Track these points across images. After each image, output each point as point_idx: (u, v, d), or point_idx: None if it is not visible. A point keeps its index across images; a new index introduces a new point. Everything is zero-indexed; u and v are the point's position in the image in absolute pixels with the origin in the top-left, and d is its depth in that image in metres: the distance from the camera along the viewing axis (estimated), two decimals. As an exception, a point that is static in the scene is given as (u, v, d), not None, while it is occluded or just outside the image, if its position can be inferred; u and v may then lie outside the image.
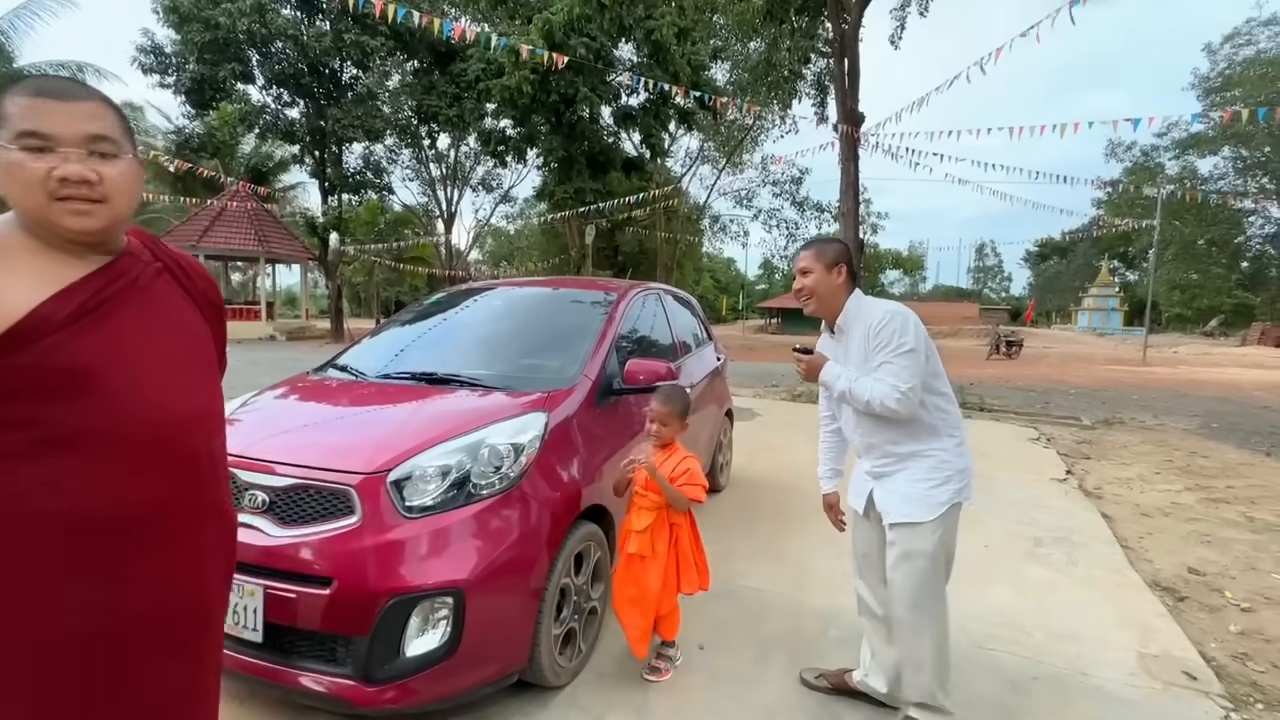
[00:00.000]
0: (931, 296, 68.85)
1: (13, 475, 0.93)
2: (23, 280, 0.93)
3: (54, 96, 0.95)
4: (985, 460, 5.98)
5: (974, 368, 17.57)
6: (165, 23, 19.90)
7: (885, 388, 1.86)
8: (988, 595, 3.09)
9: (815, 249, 2.06)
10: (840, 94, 12.16)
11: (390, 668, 1.78)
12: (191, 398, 1.11)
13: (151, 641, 1.04)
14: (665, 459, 2.25)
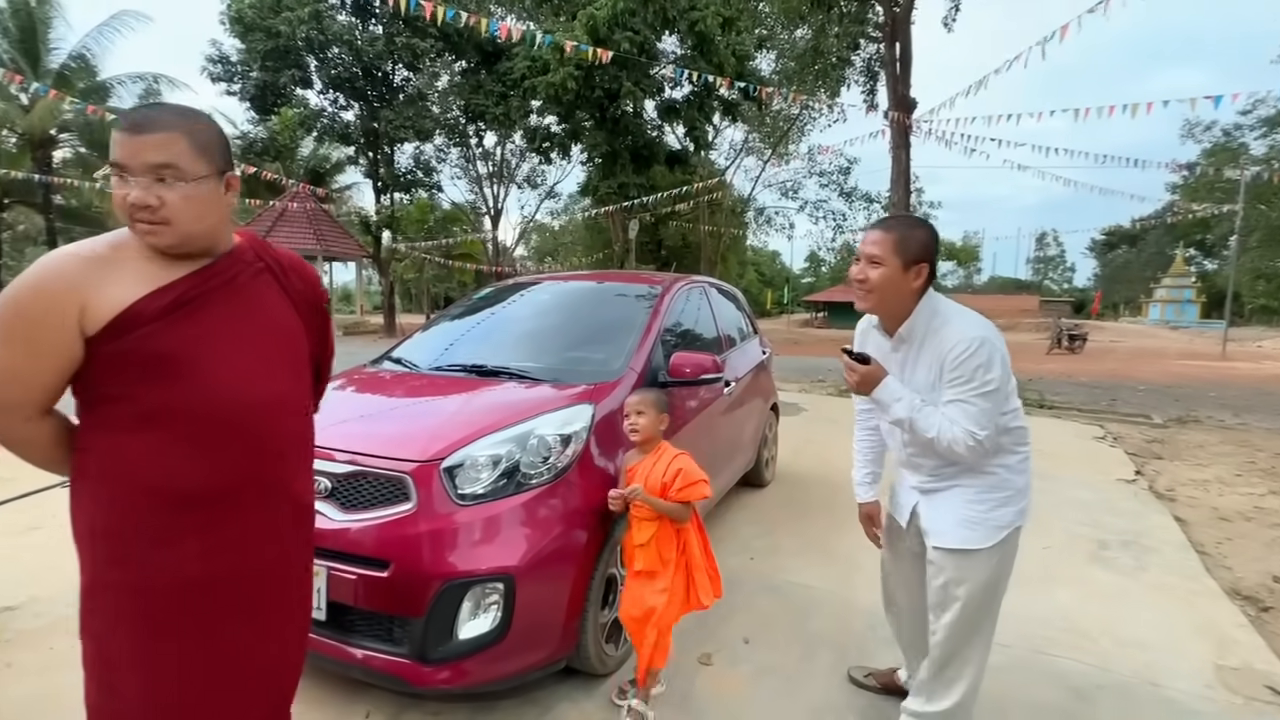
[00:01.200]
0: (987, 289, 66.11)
1: (121, 446, 1.10)
2: (127, 281, 1.08)
3: (129, 130, 1.07)
4: (1046, 459, 5.72)
5: (1033, 362, 16.80)
6: (231, 33, 20.91)
7: (959, 431, 1.57)
8: (1049, 598, 2.97)
9: (896, 236, 1.64)
10: (891, 80, 11.78)
11: (444, 649, 1.84)
12: (267, 386, 1.21)
13: (228, 606, 1.16)
14: (654, 464, 2.03)
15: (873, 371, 1.68)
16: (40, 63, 19.86)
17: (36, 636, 2.47)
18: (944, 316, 1.66)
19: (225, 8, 20.74)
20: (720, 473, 3.53)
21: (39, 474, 1.23)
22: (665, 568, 2.00)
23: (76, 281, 1.05)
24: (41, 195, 20.75)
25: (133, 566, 1.10)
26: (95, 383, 1.09)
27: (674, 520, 2.00)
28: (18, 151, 20.28)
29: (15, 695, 2.10)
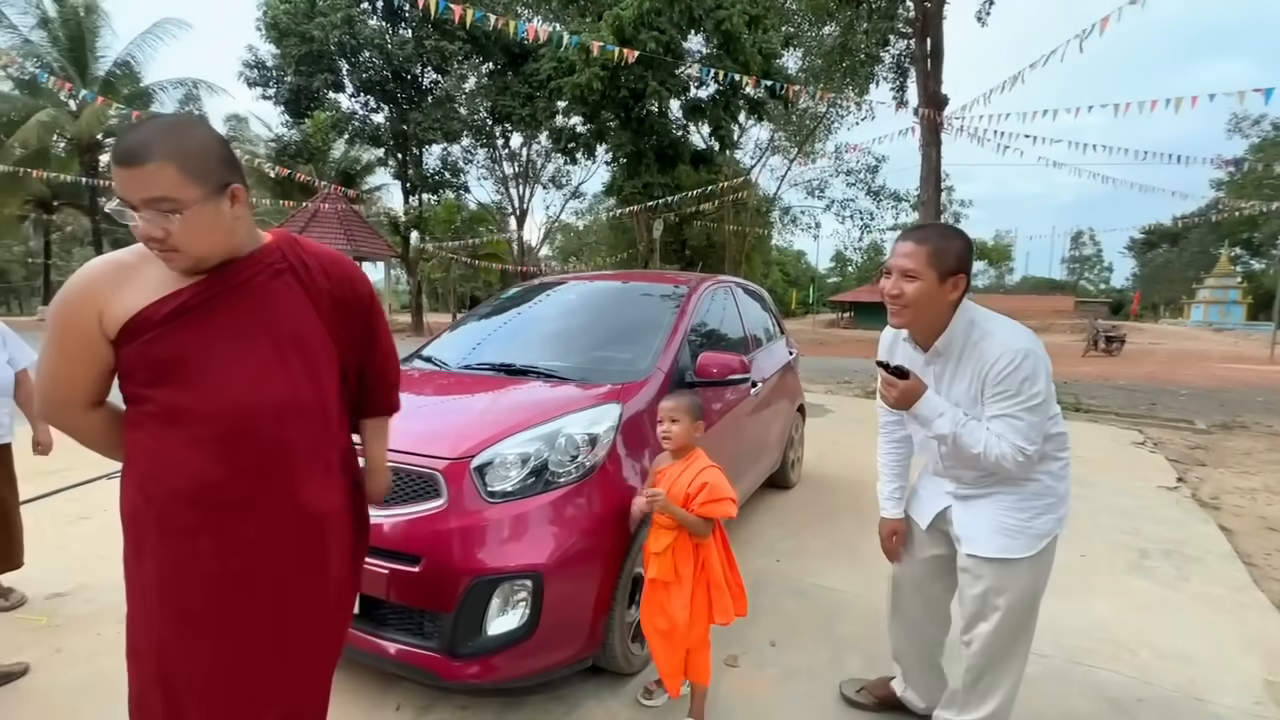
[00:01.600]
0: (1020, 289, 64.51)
1: (144, 441, 1.17)
2: (140, 289, 1.13)
3: (119, 163, 1.03)
4: (1082, 465, 5.55)
5: (1069, 364, 16.34)
6: (267, 38, 21.48)
7: (1006, 447, 1.52)
8: (1086, 608, 2.89)
9: (931, 247, 1.55)
10: (921, 76, 11.58)
11: (473, 644, 1.86)
12: (273, 388, 1.18)
13: (241, 605, 1.19)
14: (682, 471, 1.97)
15: (913, 386, 1.61)
16: (88, 71, 20.67)
17: (85, 622, 2.57)
18: (983, 328, 1.58)
19: (261, 14, 21.31)
20: (746, 474, 3.51)
21: (92, 466, 1.30)
22: (680, 582, 1.91)
23: (95, 289, 1.11)
24: (88, 198, 21.56)
25: (146, 557, 1.17)
26: (124, 382, 1.17)
27: (692, 534, 1.90)
28: (67, 156, 21.11)
29: (65, 680, 2.19)
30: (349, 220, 23.70)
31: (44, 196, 23.60)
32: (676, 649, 1.92)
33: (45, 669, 2.25)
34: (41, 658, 2.32)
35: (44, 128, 18.90)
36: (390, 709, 2.08)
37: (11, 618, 2.60)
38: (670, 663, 1.94)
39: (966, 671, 1.78)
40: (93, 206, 22.10)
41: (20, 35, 19.61)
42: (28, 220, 25.90)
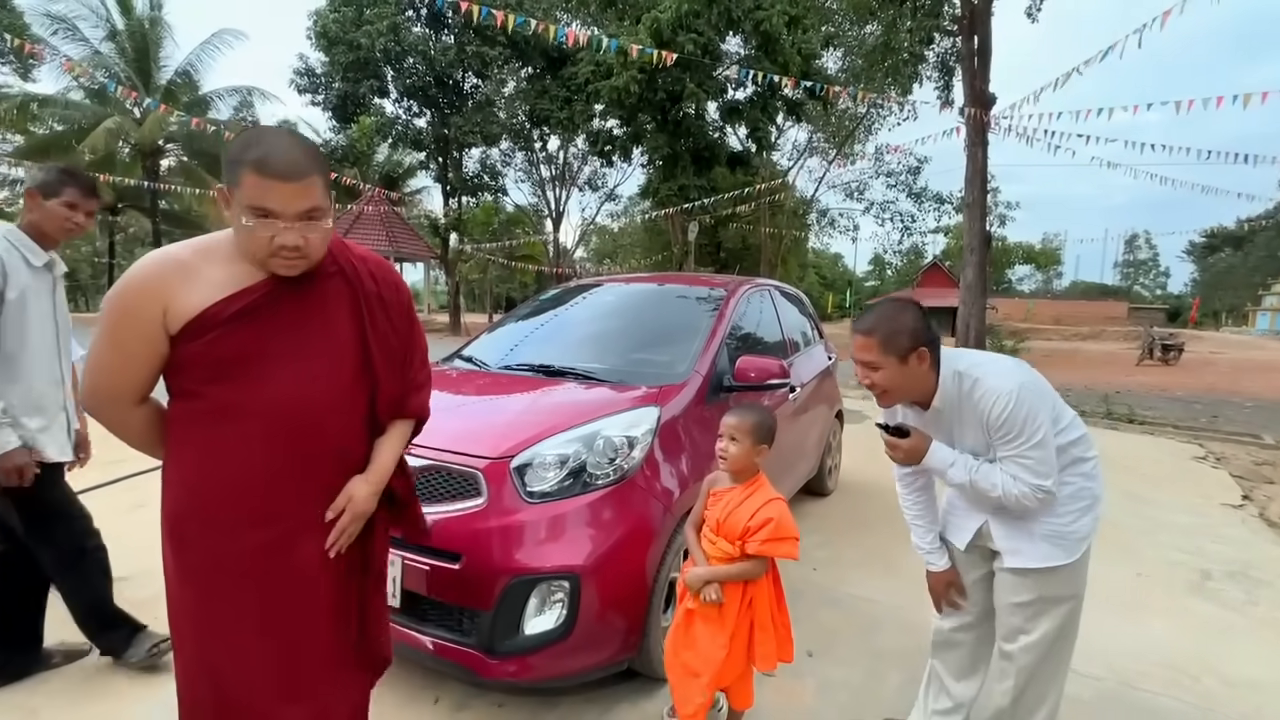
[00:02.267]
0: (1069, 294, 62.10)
1: (195, 438, 1.19)
2: (205, 287, 1.16)
3: (279, 178, 1.09)
4: (1137, 479, 5.33)
5: (1122, 374, 15.68)
6: (316, 46, 22.21)
7: (1024, 487, 1.53)
8: (1142, 629, 2.76)
9: (879, 336, 1.54)
10: (968, 75, 11.26)
11: (511, 643, 1.88)
12: (325, 387, 1.24)
13: (292, 587, 1.24)
14: (744, 499, 1.78)
15: (916, 444, 1.64)
16: (151, 79, 21.72)
17: (144, 606, 2.67)
18: (971, 377, 1.57)
19: (311, 23, 22.05)
20: (782, 481, 3.46)
21: (143, 457, 1.35)
22: (723, 618, 1.73)
23: (160, 286, 1.13)
24: (149, 200, 22.65)
25: (190, 551, 1.20)
26: (176, 378, 1.19)
27: (738, 573, 1.74)
28: (130, 161, 22.22)
29: (119, 666, 2.29)
30: (391, 222, 24.37)
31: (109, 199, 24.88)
32: (706, 689, 1.72)
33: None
34: (103, 638, 2.43)
35: (110, 134, 19.94)
36: (428, 702, 2.11)
37: (77, 599, 2.74)
38: (693, 703, 1.72)
39: (1013, 687, 1.72)
40: (153, 209, 23.20)
41: (91, 47, 20.76)
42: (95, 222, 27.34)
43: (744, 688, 1.86)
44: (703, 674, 1.72)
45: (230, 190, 1.14)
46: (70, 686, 2.15)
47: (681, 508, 2.22)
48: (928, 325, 1.57)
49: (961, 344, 11.55)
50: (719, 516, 1.78)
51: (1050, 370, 14.74)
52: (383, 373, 1.32)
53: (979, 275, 11.43)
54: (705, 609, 1.74)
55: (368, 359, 1.30)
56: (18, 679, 2.15)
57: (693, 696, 1.73)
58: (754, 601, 1.76)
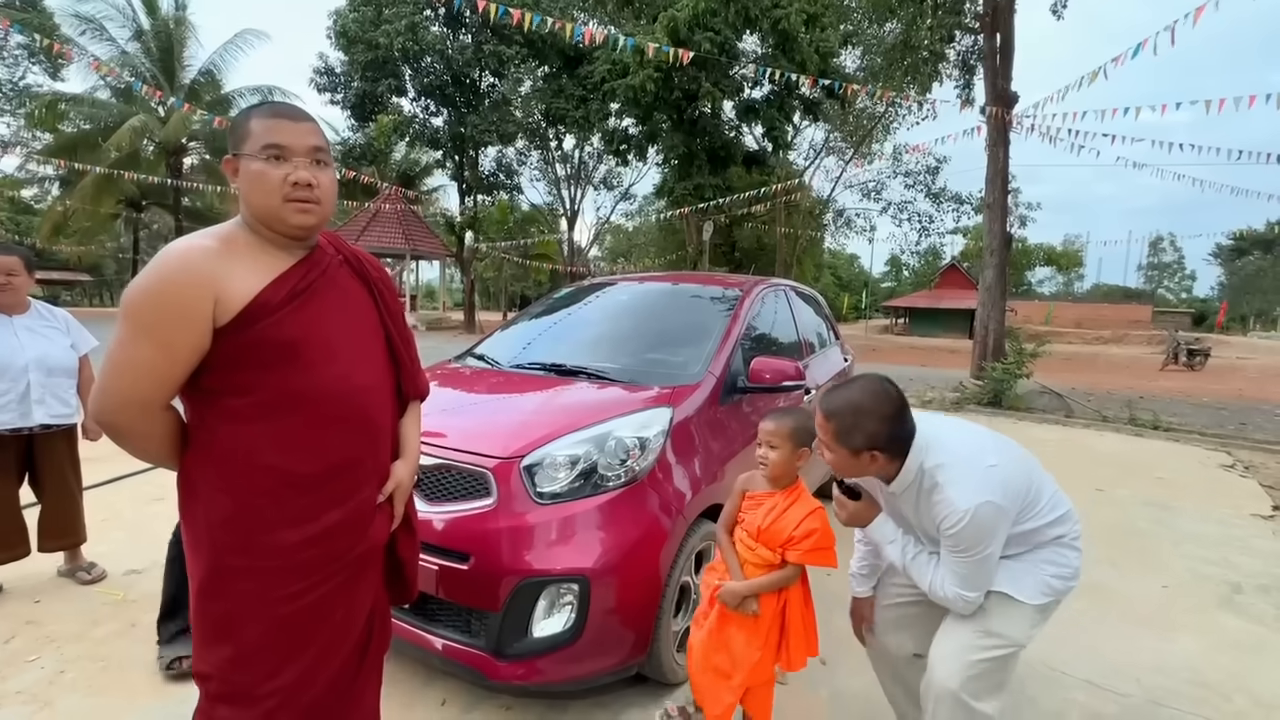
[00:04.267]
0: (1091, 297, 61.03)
1: (243, 435, 1.13)
2: (246, 271, 1.12)
3: (287, 117, 1.17)
4: (1162, 487, 5.20)
5: (1146, 379, 15.35)
6: (336, 46, 22.44)
7: (950, 592, 1.51)
8: (1169, 644, 2.66)
9: (835, 425, 1.50)
10: (990, 73, 11.08)
11: (519, 645, 1.85)
12: (370, 370, 1.28)
13: (342, 573, 1.23)
14: (787, 508, 1.74)
15: (863, 510, 1.65)
16: (175, 79, 22.10)
17: (158, 600, 2.70)
18: (933, 479, 1.49)
19: (331, 22, 22.28)
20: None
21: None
22: (759, 621, 1.72)
23: (208, 274, 1.07)
24: (172, 197, 23.05)
25: (259, 552, 1.14)
26: (218, 374, 1.10)
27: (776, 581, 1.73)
28: (154, 158, 22.62)
29: (137, 655, 2.31)
30: (408, 220, 24.57)
31: (134, 196, 25.35)
32: (735, 690, 1.72)
33: (122, 643, 2.38)
34: (118, 631, 2.46)
35: (135, 132, 20.30)
36: (435, 703, 2.10)
37: (92, 591, 2.77)
38: (722, 704, 1.71)
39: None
40: (177, 206, 23.60)
41: (118, 47, 21.15)
42: (120, 218, 27.87)
43: (765, 696, 1.83)
44: (734, 675, 1.72)
45: (237, 156, 1.16)
46: (86, 679, 2.16)
47: (694, 511, 2.18)
48: (894, 425, 1.48)
49: (980, 347, 11.37)
50: (760, 523, 1.75)
51: (1071, 375, 14.48)
52: (401, 353, 1.37)
53: (999, 277, 11.24)
54: (742, 617, 1.74)
55: (389, 340, 1.35)
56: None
57: (723, 696, 1.73)
58: (788, 605, 1.76)
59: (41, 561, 2.82)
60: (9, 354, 2.56)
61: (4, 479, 2.65)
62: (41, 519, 2.80)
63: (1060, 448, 6.71)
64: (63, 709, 2.01)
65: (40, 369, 2.63)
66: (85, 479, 2.97)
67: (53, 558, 2.87)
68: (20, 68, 25.62)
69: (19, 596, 2.69)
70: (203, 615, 1.16)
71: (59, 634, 2.42)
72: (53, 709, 2.00)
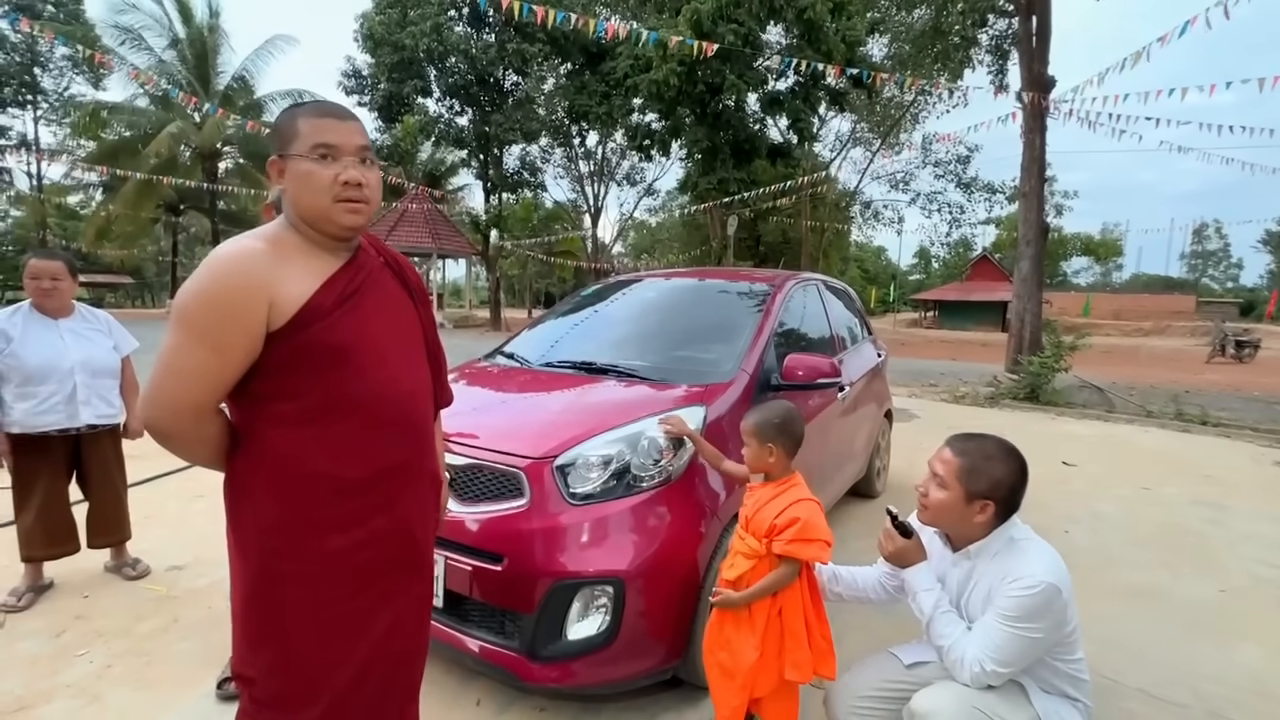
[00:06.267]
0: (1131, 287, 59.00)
1: (292, 440, 1.11)
2: (298, 275, 1.11)
3: (335, 116, 1.16)
4: (1214, 486, 4.98)
5: (1190, 372, 14.78)
6: (363, 48, 22.81)
7: (973, 651, 1.46)
8: (1229, 652, 2.54)
9: (964, 463, 1.51)
10: (1025, 58, 10.74)
11: (553, 648, 1.84)
12: (415, 373, 1.29)
13: (388, 578, 1.22)
14: (772, 497, 1.73)
15: (911, 550, 1.63)
16: (210, 85, 22.67)
17: (199, 595, 2.76)
18: (1020, 547, 1.52)
19: (358, 26, 22.63)
20: (830, 483, 3.34)
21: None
22: (752, 620, 1.68)
23: (262, 277, 1.05)
24: (208, 201, 23.69)
25: (308, 557, 1.12)
26: (268, 378, 1.08)
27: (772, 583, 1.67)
28: (191, 163, 23.27)
29: (179, 650, 2.36)
30: (434, 219, 24.85)
31: (172, 201, 26.12)
32: (739, 691, 1.67)
33: (165, 638, 2.44)
34: (162, 626, 2.51)
35: (173, 139, 20.91)
36: (470, 704, 2.09)
37: (137, 586, 2.84)
38: (729, 705, 1.68)
39: None
40: (213, 209, 24.25)
41: (155, 56, 21.78)
42: (159, 222, 28.78)
43: (784, 709, 1.73)
44: (736, 675, 1.68)
45: (284, 158, 1.14)
46: (133, 673, 2.22)
47: (728, 511, 2.14)
48: (1013, 489, 1.51)
49: (1015, 340, 11.06)
50: (748, 513, 1.77)
51: (1111, 368, 13.99)
52: (438, 358, 1.39)
53: (1035, 268, 10.92)
54: (736, 612, 1.72)
55: (428, 345, 1.35)
56: None
57: (728, 698, 1.69)
58: (784, 610, 1.68)
59: (90, 557, 2.91)
60: (55, 356, 2.63)
61: (54, 478, 2.73)
62: (89, 516, 2.88)
63: (1101, 444, 6.48)
64: (111, 703, 2.05)
65: (85, 370, 2.70)
66: (129, 477, 3.04)
67: (100, 554, 2.96)
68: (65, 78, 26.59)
69: (69, 591, 2.77)
70: (248, 619, 1.16)
71: (106, 629, 2.48)
72: (101, 703, 2.05)
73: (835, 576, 1.90)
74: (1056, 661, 1.52)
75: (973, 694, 1.48)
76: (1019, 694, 1.51)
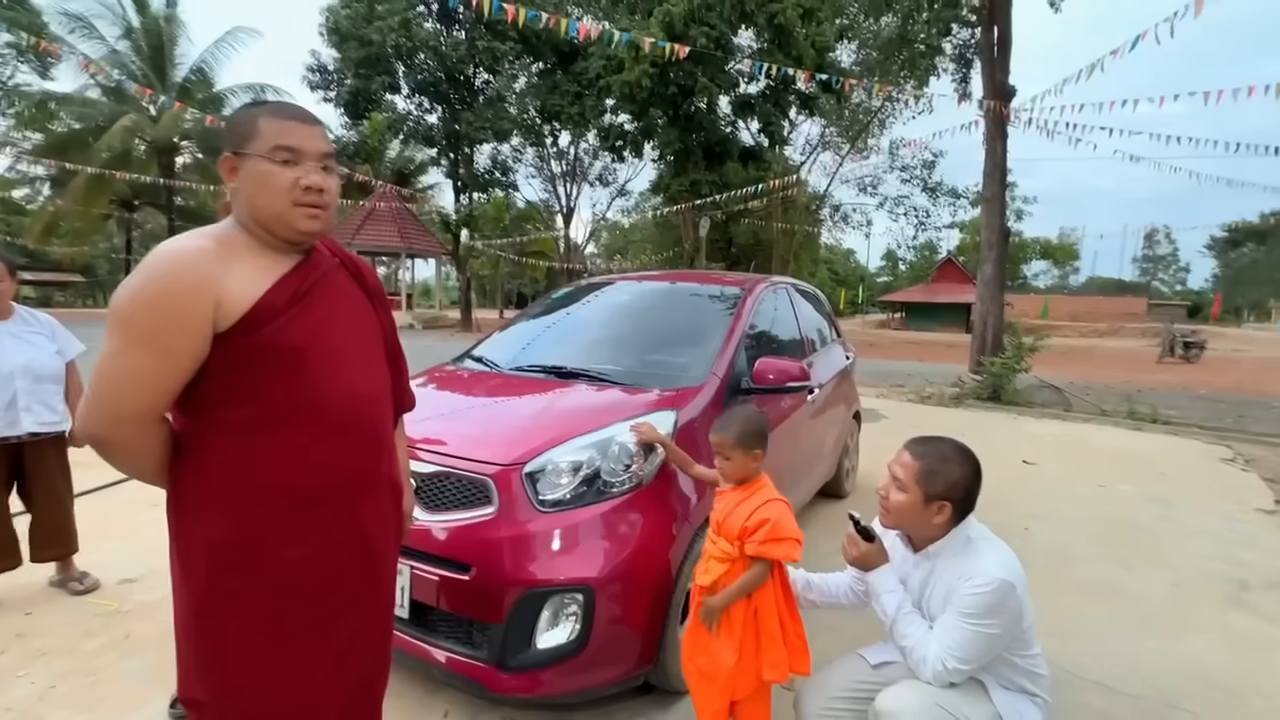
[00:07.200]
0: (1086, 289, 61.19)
1: (243, 448, 1.06)
2: (248, 273, 1.06)
3: (300, 120, 1.12)
4: (1164, 482, 5.18)
5: (1142, 372, 15.38)
6: (328, 43, 22.29)
7: (934, 650, 1.49)
8: (1179, 644, 2.64)
9: (922, 465, 1.56)
10: (987, 66, 11.04)
11: (522, 657, 1.81)
12: (374, 377, 1.24)
13: (346, 590, 1.18)
14: (741, 500, 1.73)
15: (873, 554, 1.65)
16: (167, 77, 21.89)
17: (153, 609, 2.65)
18: (976, 547, 1.57)
19: (324, 19, 22.11)
20: (800, 484, 3.37)
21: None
22: (729, 624, 1.68)
23: (208, 274, 1.00)
24: (165, 197, 22.86)
25: (261, 572, 1.07)
26: (216, 383, 1.03)
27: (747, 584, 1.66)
28: (146, 158, 22.42)
29: (129, 668, 2.25)
30: (403, 218, 24.43)
31: (126, 196, 25.16)
32: (719, 695, 1.67)
33: (114, 655, 2.33)
34: (111, 643, 2.40)
35: (127, 132, 20.12)
36: (438, 715, 2.05)
37: (84, 602, 2.71)
38: (710, 709, 1.68)
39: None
40: (169, 206, 23.42)
41: (108, 45, 20.93)
42: (111, 218, 27.67)
43: (757, 709, 1.73)
44: (716, 679, 1.67)
45: (239, 156, 1.08)
46: (77, 694, 2.11)
47: (699, 516, 2.14)
48: (969, 490, 1.57)
49: (978, 342, 11.35)
50: (719, 517, 1.76)
51: (1068, 368, 14.47)
52: (398, 362, 1.35)
53: (997, 271, 11.22)
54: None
55: (388, 348, 1.31)
56: None
57: (710, 702, 1.69)
58: (759, 611, 1.69)
59: (33, 572, 2.77)
60: None
61: (-8, 489, 2.59)
62: (32, 529, 2.74)
63: (1060, 443, 6.69)
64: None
65: (26, 376, 2.57)
66: (75, 486, 2.90)
67: (44, 568, 2.81)
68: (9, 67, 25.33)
69: (10, 609, 2.63)
70: (195, 639, 1.10)
71: (50, 647, 2.36)
72: (44, 725, 1.95)
73: (808, 584, 1.92)
74: (1014, 657, 1.56)
75: (935, 692, 1.51)
76: (979, 691, 1.55)
